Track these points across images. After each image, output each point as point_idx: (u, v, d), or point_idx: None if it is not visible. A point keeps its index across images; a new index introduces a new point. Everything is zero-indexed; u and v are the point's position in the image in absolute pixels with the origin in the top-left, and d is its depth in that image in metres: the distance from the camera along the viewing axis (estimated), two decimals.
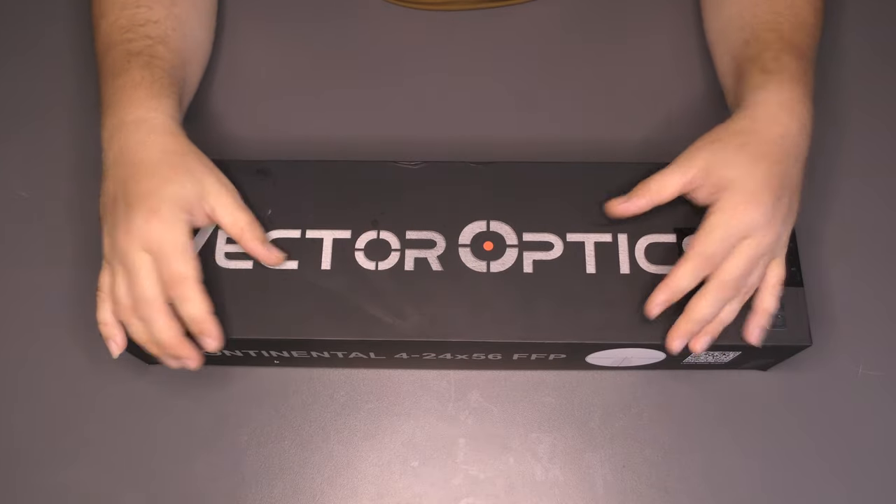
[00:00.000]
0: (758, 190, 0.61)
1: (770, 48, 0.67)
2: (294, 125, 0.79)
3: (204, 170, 0.64)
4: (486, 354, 0.66)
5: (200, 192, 0.63)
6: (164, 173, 0.62)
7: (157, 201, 0.61)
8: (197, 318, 0.62)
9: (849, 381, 0.69)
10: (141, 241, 0.61)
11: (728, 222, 0.61)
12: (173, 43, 0.71)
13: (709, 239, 0.61)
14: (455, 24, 0.84)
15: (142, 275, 0.61)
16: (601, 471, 0.67)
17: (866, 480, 0.66)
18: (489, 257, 0.65)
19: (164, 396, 0.70)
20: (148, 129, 0.64)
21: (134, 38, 0.69)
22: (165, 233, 0.61)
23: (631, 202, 0.64)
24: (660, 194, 0.64)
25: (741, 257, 0.61)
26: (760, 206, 0.60)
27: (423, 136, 0.78)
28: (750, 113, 0.64)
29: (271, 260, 0.65)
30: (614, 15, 0.84)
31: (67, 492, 0.68)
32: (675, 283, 0.62)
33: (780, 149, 0.62)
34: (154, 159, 0.63)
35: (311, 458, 0.68)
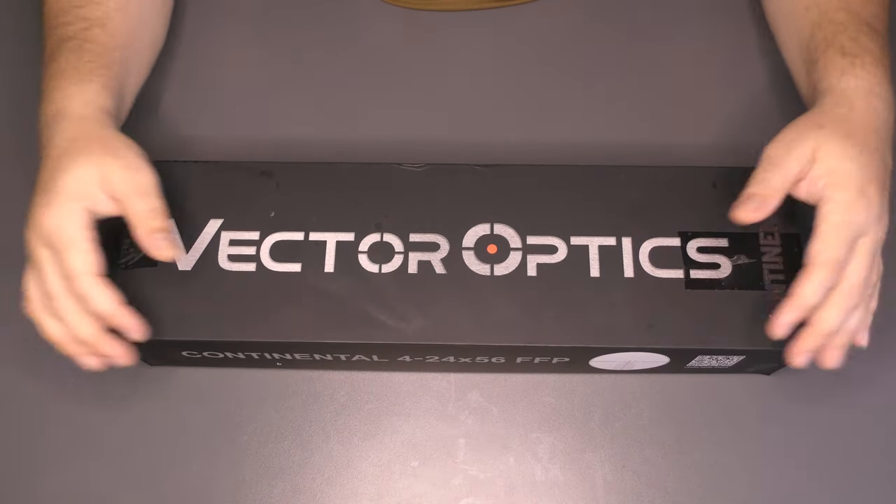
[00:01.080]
0: (869, 184, 0.58)
1: (845, 29, 0.65)
2: (297, 127, 0.79)
3: (106, 153, 0.61)
4: (490, 358, 0.66)
5: (99, 177, 0.60)
6: (63, 163, 0.60)
7: (49, 194, 0.59)
8: (106, 312, 0.59)
9: (851, 383, 0.70)
10: (39, 235, 0.59)
11: (848, 222, 0.57)
12: (113, 24, 0.68)
13: (834, 243, 0.57)
14: (458, 25, 0.83)
15: (45, 270, 0.59)
16: (601, 471, 0.68)
17: (866, 482, 0.67)
18: (493, 260, 0.65)
19: (164, 396, 0.70)
20: (59, 118, 0.62)
21: (68, 22, 0.67)
22: (57, 226, 0.58)
23: (765, 205, 0.60)
24: (785, 188, 0.60)
25: (863, 258, 0.58)
26: (873, 201, 0.58)
27: (427, 138, 0.77)
28: (846, 100, 0.62)
29: (158, 253, 0.61)
30: (617, 15, 0.84)
31: (67, 492, 0.67)
32: (804, 299, 0.58)
33: (879, 137, 0.61)
34: (58, 149, 0.61)
35: (311, 458, 0.68)
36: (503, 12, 0.84)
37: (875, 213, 0.58)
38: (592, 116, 0.79)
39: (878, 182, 0.59)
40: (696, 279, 0.64)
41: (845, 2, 0.66)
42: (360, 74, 0.81)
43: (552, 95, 0.80)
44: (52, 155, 0.61)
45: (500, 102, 0.80)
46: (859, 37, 0.64)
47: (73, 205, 0.59)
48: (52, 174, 0.60)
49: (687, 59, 0.81)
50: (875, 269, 0.60)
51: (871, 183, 0.58)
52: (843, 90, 0.62)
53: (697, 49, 0.81)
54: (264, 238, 0.66)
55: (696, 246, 0.65)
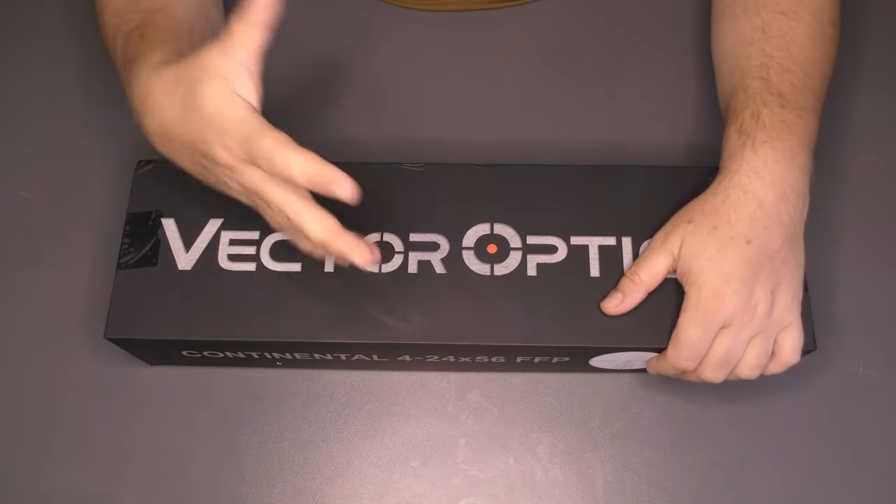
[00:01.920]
0: (723, 283, 0.59)
1: (752, 102, 0.64)
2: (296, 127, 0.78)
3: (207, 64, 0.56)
4: (490, 357, 0.66)
5: (224, 82, 0.55)
6: (190, 101, 0.56)
7: (214, 126, 0.55)
8: (310, 170, 0.53)
9: (850, 383, 0.70)
10: (239, 162, 0.55)
11: (698, 321, 0.60)
12: (172, 10, 0.66)
13: (683, 343, 0.61)
14: (458, 25, 0.83)
15: (262, 188, 0.55)
16: (601, 471, 0.68)
17: (866, 481, 0.67)
18: (493, 260, 0.65)
19: (164, 396, 0.70)
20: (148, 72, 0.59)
21: (130, 20, 0.65)
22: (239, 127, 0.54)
23: (627, 299, 0.63)
24: (652, 283, 0.63)
25: (718, 349, 0.61)
26: (727, 299, 0.59)
27: (427, 138, 0.78)
28: (723, 188, 0.62)
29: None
30: (617, 15, 0.84)
31: (67, 492, 0.67)
32: (660, 368, 0.65)
33: (751, 226, 0.60)
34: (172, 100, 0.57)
35: (311, 458, 0.68)
36: (503, 12, 0.84)
37: (737, 307, 0.59)
38: (592, 116, 0.79)
39: (745, 274, 0.59)
40: None
41: (764, 68, 0.65)
42: (359, 74, 0.81)
43: (552, 95, 0.80)
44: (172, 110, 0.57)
45: (500, 102, 0.80)
46: (761, 111, 0.63)
47: (236, 99, 0.55)
48: (195, 117, 0.55)
49: (688, 58, 0.81)
50: (753, 353, 0.62)
51: (733, 279, 0.59)
52: (729, 173, 0.62)
53: (698, 49, 0.81)
54: (264, 238, 0.66)
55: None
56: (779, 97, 0.64)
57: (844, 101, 0.80)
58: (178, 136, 0.57)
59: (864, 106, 0.80)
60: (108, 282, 0.68)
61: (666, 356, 0.62)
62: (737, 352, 0.61)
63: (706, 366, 0.62)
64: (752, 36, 0.67)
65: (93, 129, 0.79)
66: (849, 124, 0.79)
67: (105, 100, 0.81)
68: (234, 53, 0.55)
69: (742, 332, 0.60)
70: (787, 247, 0.61)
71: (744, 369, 0.62)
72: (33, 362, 0.71)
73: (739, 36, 0.68)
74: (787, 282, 0.61)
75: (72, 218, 0.75)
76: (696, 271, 0.60)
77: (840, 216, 0.75)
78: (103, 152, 0.78)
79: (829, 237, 0.74)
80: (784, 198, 0.61)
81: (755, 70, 0.65)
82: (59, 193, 0.77)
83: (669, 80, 0.80)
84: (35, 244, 0.75)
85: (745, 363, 0.62)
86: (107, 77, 0.81)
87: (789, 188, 0.61)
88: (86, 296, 0.72)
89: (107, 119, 0.80)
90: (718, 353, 0.61)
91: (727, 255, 0.60)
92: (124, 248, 0.67)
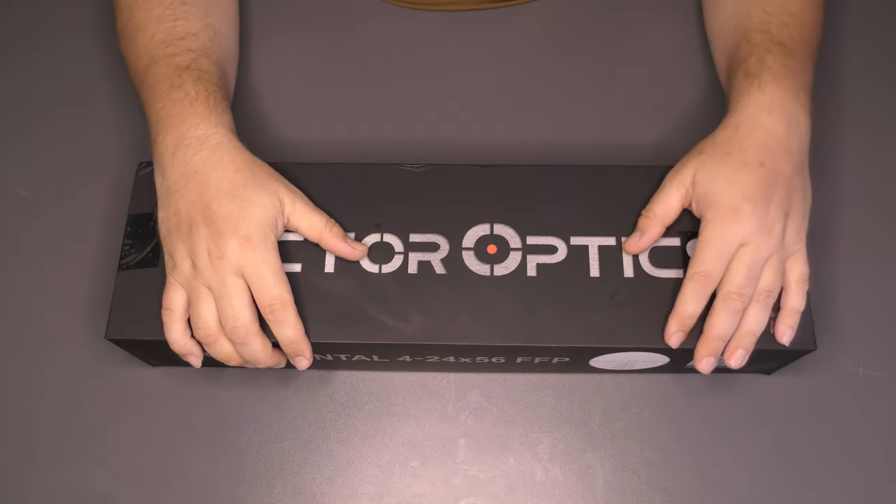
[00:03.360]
0: (742, 199, 0.61)
1: (756, 50, 0.68)
2: (296, 127, 0.79)
3: (274, 181, 0.64)
4: (490, 357, 0.66)
5: (278, 206, 0.63)
6: (244, 194, 0.62)
7: (247, 227, 0.61)
8: (294, 340, 0.62)
9: (851, 383, 0.70)
10: (235, 267, 0.61)
11: (717, 236, 0.62)
12: (214, 55, 0.70)
13: (701, 257, 0.62)
14: (458, 25, 0.83)
15: (236, 299, 0.61)
16: (601, 471, 0.68)
17: (866, 481, 0.67)
18: (493, 260, 0.65)
19: (164, 396, 0.70)
20: (214, 145, 0.64)
21: (177, 53, 0.68)
22: (261, 259, 0.61)
23: (646, 235, 0.65)
24: (667, 216, 0.65)
25: (739, 265, 0.62)
26: (747, 215, 0.61)
27: (427, 139, 0.78)
28: (733, 121, 0.65)
29: (355, 255, 0.65)
30: (617, 15, 0.84)
31: (67, 492, 0.67)
32: (681, 309, 0.62)
33: (763, 151, 0.63)
34: (229, 179, 0.62)
35: (311, 458, 0.68)
36: (503, 12, 0.84)
37: (754, 225, 0.61)
38: (593, 116, 0.79)
39: (759, 195, 0.62)
40: None
41: (766, 24, 0.69)
42: (359, 74, 0.81)
43: (552, 95, 0.80)
44: (217, 182, 0.62)
45: (500, 102, 0.80)
46: (766, 57, 0.67)
47: (272, 237, 0.62)
48: (236, 206, 0.62)
49: (690, 57, 0.81)
50: (769, 273, 0.63)
51: (748, 198, 0.61)
52: (738, 109, 0.65)
53: (701, 47, 0.81)
54: None
55: (695, 246, 0.65)
56: (781, 46, 0.67)
57: (845, 101, 0.80)
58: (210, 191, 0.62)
59: (865, 106, 0.80)
60: (108, 283, 0.69)
61: (685, 281, 0.62)
62: (757, 269, 0.62)
63: (729, 284, 0.61)
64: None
65: (94, 129, 0.79)
66: (849, 124, 0.79)
67: (107, 100, 0.81)
68: (301, 219, 0.64)
69: (761, 249, 0.62)
70: (797, 175, 0.64)
71: (760, 294, 0.62)
72: (33, 362, 0.71)
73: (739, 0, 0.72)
74: (796, 209, 0.64)
75: (72, 218, 0.75)
76: (713, 192, 0.62)
77: (840, 216, 0.75)
78: (105, 153, 0.78)
79: (829, 237, 0.74)
80: (790, 129, 0.64)
81: (757, 25, 0.69)
82: (60, 193, 0.77)
83: (669, 80, 0.80)
84: (35, 244, 0.75)
85: (763, 285, 0.62)
86: (109, 78, 0.81)
87: (794, 122, 0.64)
88: (86, 296, 0.72)
89: (108, 120, 0.80)
90: (741, 269, 0.61)
91: (742, 176, 0.62)
92: (125, 249, 0.67)
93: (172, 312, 0.63)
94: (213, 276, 0.61)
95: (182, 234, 0.62)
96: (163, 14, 0.70)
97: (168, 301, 0.63)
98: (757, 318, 0.63)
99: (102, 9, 0.84)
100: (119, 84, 0.80)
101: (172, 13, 0.70)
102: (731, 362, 0.63)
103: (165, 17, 0.70)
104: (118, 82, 0.80)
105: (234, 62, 0.76)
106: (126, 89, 0.71)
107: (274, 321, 0.62)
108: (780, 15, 0.69)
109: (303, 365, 0.64)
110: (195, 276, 0.62)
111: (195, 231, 0.62)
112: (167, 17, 0.70)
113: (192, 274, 0.62)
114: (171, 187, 0.64)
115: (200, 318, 0.62)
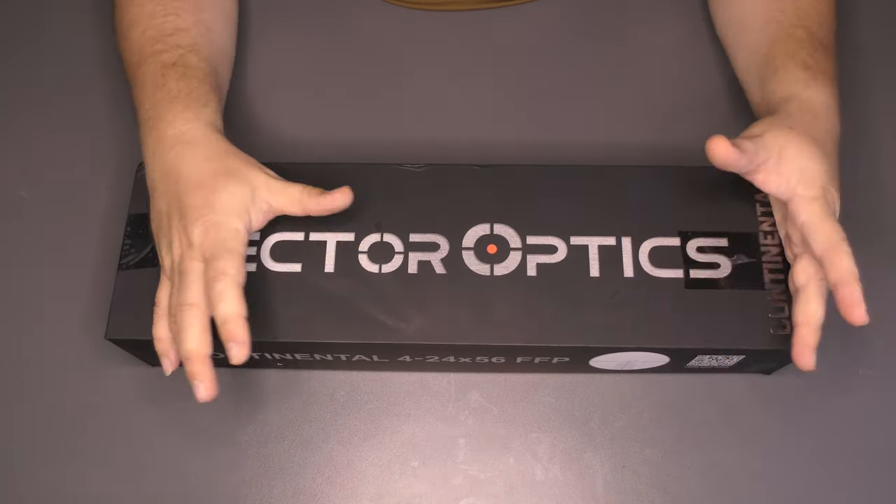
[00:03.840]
0: (830, 184, 0.61)
1: (805, 46, 0.68)
2: (296, 128, 0.79)
3: (247, 168, 0.63)
4: (490, 358, 0.66)
5: (250, 192, 0.63)
6: (211, 183, 0.62)
7: (213, 213, 0.61)
8: (229, 316, 0.58)
9: (850, 383, 0.70)
10: (200, 252, 0.60)
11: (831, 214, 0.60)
12: (204, 51, 0.70)
13: (833, 225, 0.59)
14: (458, 25, 0.83)
15: (190, 279, 0.60)
16: (601, 471, 0.68)
17: (866, 481, 0.67)
18: (493, 260, 0.65)
19: (164, 396, 0.70)
20: (188, 140, 0.63)
21: (165, 50, 0.68)
22: (221, 241, 0.60)
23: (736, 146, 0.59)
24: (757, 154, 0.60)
25: None
26: (834, 200, 0.62)
27: (427, 139, 0.78)
28: (810, 109, 0.65)
29: (339, 199, 0.64)
30: (616, 15, 0.84)
31: (67, 492, 0.67)
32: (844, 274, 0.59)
33: (835, 147, 0.65)
34: (198, 170, 0.62)
35: (311, 458, 0.68)
36: (503, 12, 0.84)
37: (836, 211, 0.62)
38: (593, 116, 0.79)
39: (836, 184, 0.63)
40: (695, 279, 0.64)
41: (803, 20, 0.70)
42: (359, 74, 0.81)
43: (552, 95, 0.80)
44: (188, 176, 0.62)
45: (500, 102, 0.80)
46: (816, 54, 0.68)
47: (237, 223, 0.61)
48: (202, 196, 0.61)
49: (689, 56, 0.81)
50: None
51: (832, 183, 0.62)
52: (806, 100, 0.65)
53: (700, 47, 0.81)
54: (264, 238, 0.66)
55: (695, 246, 0.65)
56: (823, 47, 0.69)
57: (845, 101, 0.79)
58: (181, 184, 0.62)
59: (865, 105, 0.80)
60: (108, 283, 0.69)
61: (839, 248, 0.59)
62: None
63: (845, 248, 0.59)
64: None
65: (94, 129, 0.79)
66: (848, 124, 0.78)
67: (107, 100, 0.81)
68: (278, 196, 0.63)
69: None
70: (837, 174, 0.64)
71: None
72: (33, 362, 0.71)
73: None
74: None
75: (72, 218, 0.75)
76: (811, 170, 0.61)
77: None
78: (104, 153, 0.78)
79: None
80: (838, 134, 0.66)
81: (795, 20, 0.70)
82: (60, 194, 0.77)
83: (669, 80, 0.80)
84: (35, 244, 0.75)
85: None
86: (108, 78, 0.81)
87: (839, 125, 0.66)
88: (86, 296, 0.72)
89: (108, 120, 0.80)
90: None
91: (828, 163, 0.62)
92: (125, 248, 0.67)
93: (160, 308, 0.63)
94: (181, 263, 0.61)
95: (164, 230, 0.63)
96: (154, 10, 0.70)
97: (157, 297, 0.64)
98: None
99: (103, 7, 0.84)
100: (119, 84, 0.80)
101: (164, 9, 0.70)
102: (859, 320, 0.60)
103: (157, 12, 0.70)
104: (119, 82, 0.80)
105: (228, 59, 0.76)
106: (126, 89, 0.71)
107: (213, 295, 0.58)
108: (811, 13, 0.70)
109: (235, 355, 0.57)
110: (173, 268, 0.62)
111: (172, 224, 0.62)
112: (158, 12, 0.70)
113: (171, 267, 0.62)
114: (154, 186, 0.64)
115: (161, 299, 0.63)
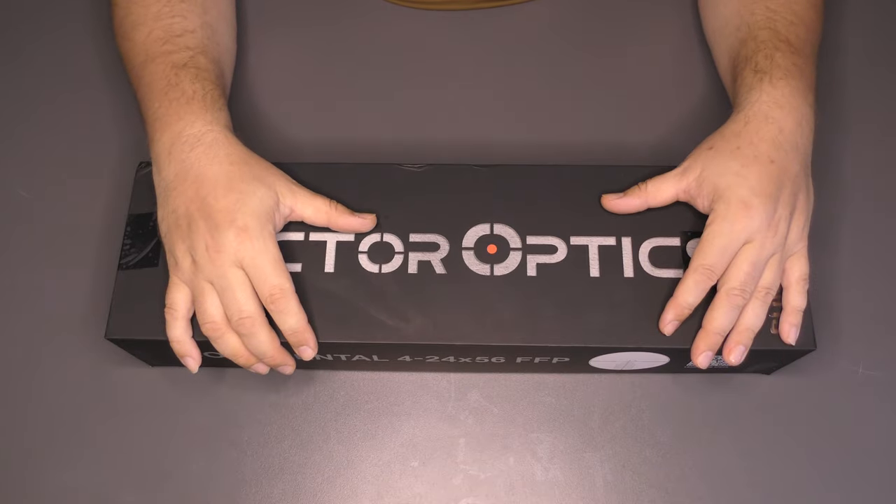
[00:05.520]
0: (751, 195, 0.61)
1: (763, 47, 0.68)
2: (295, 128, 0.79)
3: (271, 174, 0.64)
4: (490, 358, 0.66)
5: (275, 197, 0.63)
6: (240, 187, 0.62)
7: (243, 217, 0.61)
8: (298, 329, 0.62)
9: (850, 383, 0.70)
10: (234, 258, 0.61)
11: (725, 231, 0.61)
12: (212, 53, 0.70)
13: (707, 251, 0.62)
14: (457, 24, 0.83)
15: (238, 291, 0.61)
16: (601, 471, 0.68)
17: (866, 481, 0.67)
18: (493, 260, 0.65)
19: (164, 396, 0.70)
20: (210, 142, 0.64)
21: (174, 50, 0.68)
22: (259, 249, 0.61)
23: (624, 200, 0.65)
24: (655, 197, 0.65)
25: (743, 262, 0.61)
26: (755, 211, 0.61)
27: (427, 139, 0.78)
28: (742, 115, 0.65)
29: (367, 225, 0.65)
30: (616, 15, 0.84)
31: (68, 492, 0.67)
32: (681, 298, 0.62)
33: (774, 147, 0.63)
34: (225, 173, 0.62)
35: (311, 458, 0.68)
36: (503, 12, 0.84)
37: (761, 222, 0.61)
38: (592, 116, 0.79)
39: (769, 191, 0.62)
40: None
41: (771, 21, 0.69)
42: (360, 74, 0.81)
43: (552, 95, 0.80)
44: (213, 177, 0.62)
45: (499, 102, 0.80)
46: (774, 54, 0.67)
47: (269, 227, 0.62)
48: (232, 199, 0.61)
49: (688, 56, 0.81)
50: (770, 271, 0.63)
51: (757, 194, 0.61)
52: (747, 104, 0.65)
53: (700, 47, 0.81)
54: None
55: (695, 246, 0.65)
56: (787, 44, 0.68)
57: (845, 100, 0.80)
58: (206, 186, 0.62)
59: (865, 106, 0.80)
60: (109, 282, 0.69)
61: (688, 272, 0.62)
62: (760, 266, 0.62)
63: (732, 280, 0.61)
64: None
65: (94, 129, 0.79)
66: (848, 123, 0.79)
67: (107, 100, 0.81)
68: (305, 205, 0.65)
69: (765, 247, 0.62)
70: (803, 174, 0.64)
71: (760, 292, 0.62)
72: (33, 362, 0.71)
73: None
74: (801, 208, 0.64)
75: (73, 218, 0.75)
76: (723, 186, 0.62)
77: (840, 216, 0.75)
78: (105, 153, 0.78)
79: (829, 237, 0.74)
80: (800, 127, 0.64)
81: (762, 22, 0.69)
82: (60, 193, 0.77)
83: (670, 80, 0.80)
84: (35, 244, 0.75)
85: (763, 282, 0.62)
86: (108, 78, 0.81)
87: (803, 120, 0.65)
88: (86, 296, 0.72)
89: (108, 120, 0.80)
90: (745, 266, 0.61)
91: (752, 171, 0.62)
92: (125, 248, 0.67)
93: (174, 311, 0.63)
94: (212, 269, 0.61)
95: (181, 231, 0.62)
96: (160, 11, 0.70)
97: (170, 300, 0.63)
98: (756, 314, 0.63)
99: (102, 8, 0.84)
100: (120, 84, 0.80)
101: (170, 10, 0.70)
102: (730, 358, 0.63)
103: (163, 13, 0.70)
104: (118, 82, 0.80)
105: (231, 60, 0.76)
106: (126, 89, 0.72)
107: (276, 311, 0.61)
108: (784, 13, 0.70)
109: (307, 355, 0.63)
110: (196, 272, 0.62)
111: (193, 226, 0.62)
112: (164, 13, 0.70)
113: (193, 270, 0.62)
114: (168, 185, 0.64)
115: (206, 313, 0.62)
